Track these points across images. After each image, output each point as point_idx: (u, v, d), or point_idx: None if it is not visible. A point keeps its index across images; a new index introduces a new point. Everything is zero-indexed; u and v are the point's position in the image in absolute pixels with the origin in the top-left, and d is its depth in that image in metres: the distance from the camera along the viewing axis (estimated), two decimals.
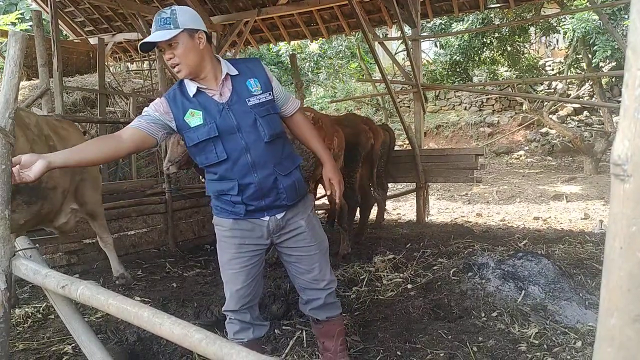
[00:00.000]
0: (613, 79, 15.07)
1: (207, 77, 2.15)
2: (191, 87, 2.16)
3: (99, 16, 10.06)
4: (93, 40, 10.07)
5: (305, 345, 2.96)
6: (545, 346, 2.89)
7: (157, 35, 2.03)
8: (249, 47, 11.10)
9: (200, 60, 2.11)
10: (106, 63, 8.27)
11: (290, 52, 14.52)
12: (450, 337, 3.01)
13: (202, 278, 4.41)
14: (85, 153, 2.00)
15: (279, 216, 2.28)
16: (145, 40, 2.05)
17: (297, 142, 2.77)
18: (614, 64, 12.66)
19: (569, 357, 2.78)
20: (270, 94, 2.24)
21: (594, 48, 11.89)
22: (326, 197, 8.96)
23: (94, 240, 4.53)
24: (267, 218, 2.26)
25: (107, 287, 4.00)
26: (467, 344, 2.90)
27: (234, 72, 2.21)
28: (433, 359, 2.78)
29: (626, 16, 11.32)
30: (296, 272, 2.45)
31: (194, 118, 2.12)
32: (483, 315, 3.31)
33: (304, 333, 3.09)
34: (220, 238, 2.32)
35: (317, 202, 8.37)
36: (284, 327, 3.25)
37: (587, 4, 9.35)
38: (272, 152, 2.19)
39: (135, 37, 9.46)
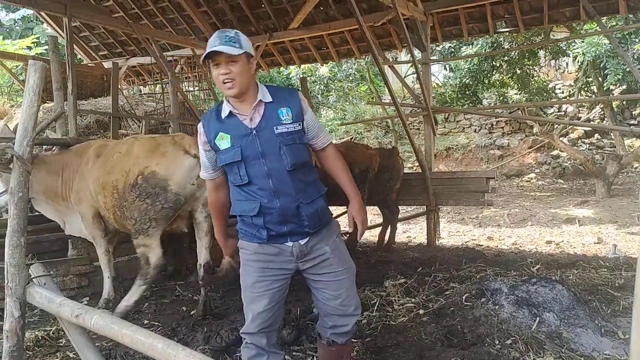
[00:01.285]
0: (624, 102, 15.02)
1: (245, 100, 2.25)
2: (225, 110, 2.27)
3: (113, 41, 10.25)
4: (107, 64, 10.25)
5: None
6: None
7: (227, 49, 2.13)
8: (260, 70, 11.23)
9: (249, 83, 2.24)
10: (119, 86, 8.40)
11: (301, 75, 14.66)
12: None
13: (212, 302, 4.38)
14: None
15: (302, 242, 2.30)
16: (216, 49, 2.13)
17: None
18: (624, 87, 12.63)
19: None
20: (300, 124, 2.29)
21: (605, 72, 11.88)
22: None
23: None
24: (290, 243, 2.28)
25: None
26: None
27: (268, 99, 2.28)
28: None
29: (637, 40, 11.34)
30: (323, 299, 2.44)
31: (223, 141, 2.23)
32: (497, 342, 3.25)
33: (315, 359, 3.04)
34: (245, 261, 2.34)
35: None
36: (294, 353, 3.21)
37: (597, 28, 9.37)
38: (295, 180, 2.24)
39: (148, 61, 9.63)
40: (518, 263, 5.36)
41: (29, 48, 15.42)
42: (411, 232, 9.01)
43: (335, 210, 8.91)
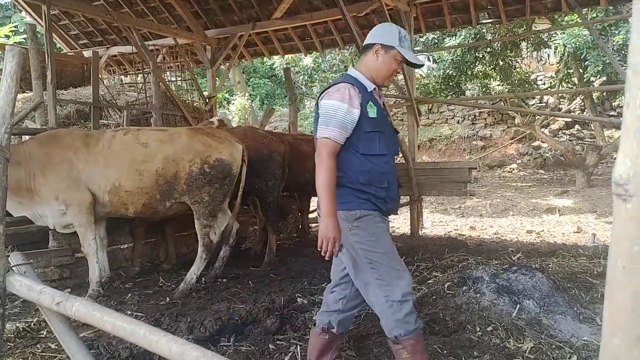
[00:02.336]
0: (604, 94, 15.24)
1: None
2: (370, 85, 2.42)
3: (93, 29, 10.08)
4: (87, 53, 10.08)
5: None
6: None
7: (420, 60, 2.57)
8: (243, 60, 11.15)
9: None
10: (100, 76, 8.27)
11: (285, 66, 14.58)
12: (445, 352, 2.99)
13: (196, 292, 4.37)
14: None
15: (389, 222, 2.48)
16: (419, 63, 2.57)
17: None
18: (604, 78, 12.82)
19: None
20: None
21: (586, 63, 12.04)
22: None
23: None
24: (386, 221, 2.45)
25: (100, 302, 3.97)
26: (463, 358, 2.89)
27: None
28: None
29: (616, 32, 11.49)
30: None
31: (371, 110, 2.34)
32: (478, 329, 3.29)
33: (298, 348, 3.06)
34: (376, 225, 2.33)
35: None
36: (278, 342, 3.22)
37: (578, 19, 9.48)
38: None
39: (129, 50, 9.49)
40: (499, 252, 5.44)
41: (7, 37, 15.11)
42: (395, 222, 9.06)
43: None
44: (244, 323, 3.45)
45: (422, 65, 2.63)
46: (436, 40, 13.91)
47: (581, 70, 12.82)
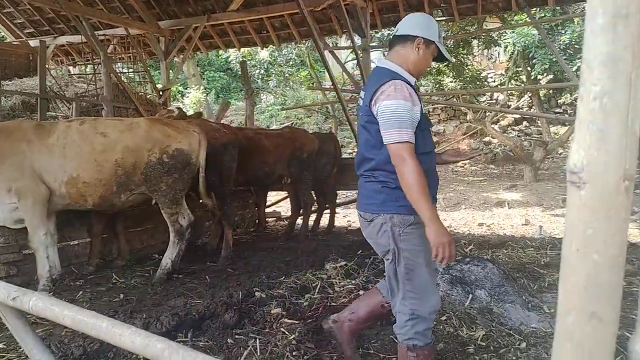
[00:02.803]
0: (550, 91, 15.86)
1: None
2: (411, 79, 2.32)
3: (40, 18, 9.66)
4: (33, 43, 9.65)
5: (259, 354, 2.93)
6: (491, 347, 2.99)
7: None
8: (198, 52, 10.96)
9: None
10: (47, 66, 7.94)
11: (241, 59, 14.44)
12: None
13: (152, 289, 4.29)
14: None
15: None
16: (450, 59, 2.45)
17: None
18: (551, 76, 13.34)
19: (514, 357, 2.89)
20: None
21: (533, 61, 12.49)
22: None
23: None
24: None
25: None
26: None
27: None
28: None
29: (563, 31, 11.97)
30: None
31: (418, 106, 2.23)
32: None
33: (257, 342, 3.06)
34: (422, 235, 2.16)
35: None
36: (236, 337, 3.21)
37: (527, 19, 9.82)
38: None
39: (78, 40, 9.16)
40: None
41: None
42: (351, 216, 9.15)
43: (275, 195, 8.92)
44: (201, 318, 3.42)
45: (451, 62, 2.58)
46: (392, 37, 14.09)
47: (529, 69, 13.29)
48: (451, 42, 13.02)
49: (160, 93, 9.18)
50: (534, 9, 8.58)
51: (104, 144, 4.24)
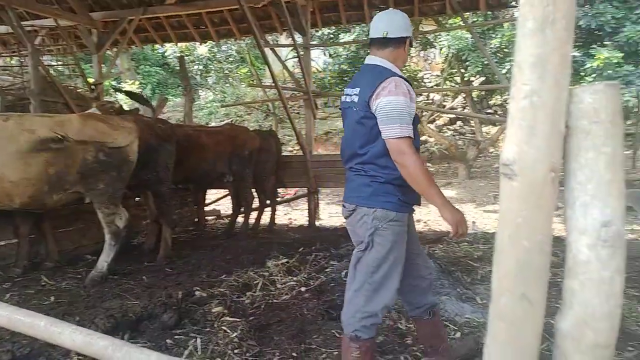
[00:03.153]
0: (483, 92, 16.57)
1: None
2: (403, 76, 2.36)
3: None
4: None
5: (199, 353, 2.89)
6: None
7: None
8: (133, 46, 10.61)
9: None
10: None
11: (178, 54, 14.09)
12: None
13: (85, 291, 4.12)
14: None
15: None
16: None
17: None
18: (483, 78, 13.93)
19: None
20: None
21: (467, 64, 12.99)
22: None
23: None
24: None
25: None
26: None
27: None
28: (327, 358, 2.86)
29: (494, 35, 12.52)
30: (421, 273, 2.57)
31: (415, 102, 2.30)
32: None
33: (199, 341, 3.02)
34: (399, 233, 2.30)
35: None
36: (176, 337, 3.15)
37: (461, 23, 10.20)
38: None
39: (4, 30, 8.62)
40: None
41: None
42: (292, 214, 9.18)
43: (215, 193, 8.79)
44: (139, 319, 3.33)
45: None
46: (332, 36, 14.23)
47: (463, 70, 13.83)
48: None
49: (93, 87, 8.79)
50: (467, 13, 8.91)
51: (32, 142, 3.98)
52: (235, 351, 2.88)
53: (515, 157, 0.70)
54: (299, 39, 7.71)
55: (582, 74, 11.16)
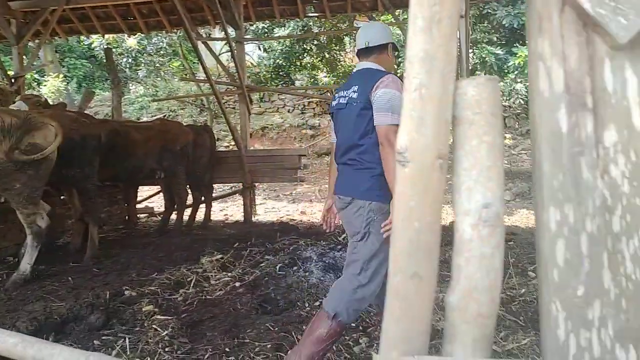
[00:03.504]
0: None
1: None
2: None
3: None
4: None
5: (128, 353, 2.83)
6: (360, 327, 3.19)
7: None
8: (57, 38, 10.09)
9: None
10: None
11: (105, 46, 13.53)
12: (277, 329, 3.14)
13: (5, 294, 3.91)
14: None
15: None
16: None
17: None
18: None
19: (378, 334, 3.11)
20: None
21: (399, 60, 13.32)
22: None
23: None
24: None
25: None
26: (293, 333, 3.06)
27: None
28: (260, 352, 2.87)
29: None
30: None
31: None
32: (307, 305, 3.53)
33: (127, 341, 2.95)
34: (379, 225, 2.37)
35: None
36: (104, 338, 3.06)
37: (392, 19, 10.45)
38: None
39: None
40: (327, 234, 5.80)
41: None
42: (228, 209, 9.09)
43: (148, 190, 8.55)
44: (64, 321, 3.21)
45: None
46: (266, 30, 14.15)
47: (396, 66, 14.18)
48: (324, 38, 13.42)
49: (12, 81, 8.29)
50: (398, 10, 9.14)
51: None
52: (166, 349, 2.84)
53: (407, 145, 0.76)
54: (232, 32, 7.62)
55: (505, 71, 11.74)
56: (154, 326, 3.11)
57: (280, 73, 14.38)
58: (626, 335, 0.80)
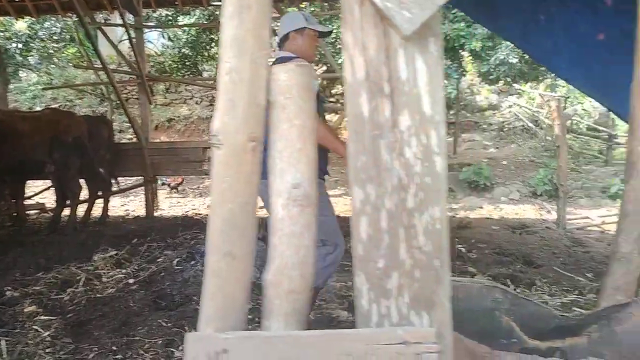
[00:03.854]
0: (324, 82, 17.32)
1: None
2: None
3: None
4: None
5: (5, 355, 2.66)
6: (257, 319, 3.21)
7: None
8: None
9: None
10: None
11: None
12: (170, 324, 3.09)
13: None
14: None
15: None
16: (327, 30, 2.88)
17: None
18: (325, 68, 14.55)
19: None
20: None
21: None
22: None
23: None
24: None
25: None
26: (186, 328, 3.03)
27: None
28: (150, 348, 2.81)
29: (330, 25, 13.10)
30: None
31: None
32: None
33: (3, 343, 2.76)
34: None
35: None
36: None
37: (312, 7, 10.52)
38: None
39: None
40: None
41: None
42: (130, 204, 8.73)
43: (42, 185, 7.99)
44: None
45: (330, 32, 2.93)
46: (170, 18, 13.66)
47: None
48: None
49: None
50: (305, 3, 9.20)
51: None
52: (47, 350, 2.70)
53: (220, 128, 0.78)
54: (131, 19, 7.28)
55: None
56: (35, 327, 2.96)
57: (187, 63, 13.94)
58: (420, 302, 0.88)
